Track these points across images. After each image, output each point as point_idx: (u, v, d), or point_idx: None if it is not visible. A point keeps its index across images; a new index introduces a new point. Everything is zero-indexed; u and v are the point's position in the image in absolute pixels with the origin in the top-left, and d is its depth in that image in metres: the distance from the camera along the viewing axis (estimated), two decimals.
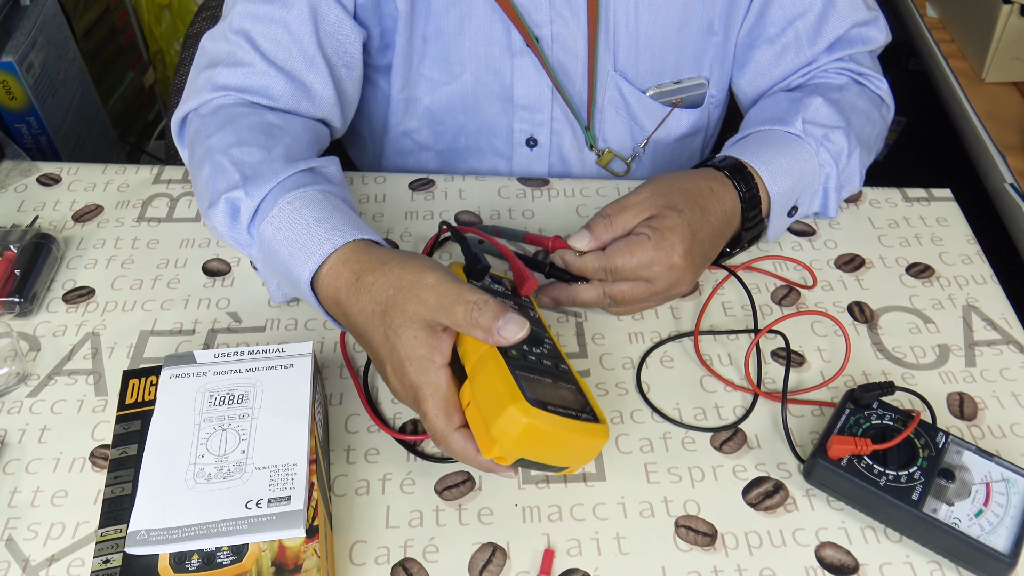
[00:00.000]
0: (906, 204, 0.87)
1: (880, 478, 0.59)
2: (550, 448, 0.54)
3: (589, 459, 0.58)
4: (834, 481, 0.61)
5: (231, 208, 0.67)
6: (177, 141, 0.79)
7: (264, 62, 0.75)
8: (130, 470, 0.57)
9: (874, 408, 0.63)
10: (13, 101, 1.32)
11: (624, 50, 0.84)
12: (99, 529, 0.54)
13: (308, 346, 0.63)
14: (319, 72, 0.78)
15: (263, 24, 0.75)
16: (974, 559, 0.57)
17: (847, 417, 0.63)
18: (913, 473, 0.59)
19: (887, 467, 0.60)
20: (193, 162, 0.73)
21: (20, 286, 0.74)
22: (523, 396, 0.52)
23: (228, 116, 0.73)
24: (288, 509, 0.54)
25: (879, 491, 0.59)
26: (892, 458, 0.60)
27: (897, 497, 0.59)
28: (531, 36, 0.81)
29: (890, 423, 0.63)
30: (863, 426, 0.62)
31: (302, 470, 0.56)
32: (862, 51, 0.85)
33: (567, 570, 0.58)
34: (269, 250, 0.65)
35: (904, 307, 0.76)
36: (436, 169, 0.96)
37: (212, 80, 0.75)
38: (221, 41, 0.77)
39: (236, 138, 0.70)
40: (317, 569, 0.52)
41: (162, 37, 1.86)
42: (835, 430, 0.62)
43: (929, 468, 0.60)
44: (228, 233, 0.68)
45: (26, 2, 1.37)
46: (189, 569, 0.52)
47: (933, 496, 0.59)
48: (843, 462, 0.60)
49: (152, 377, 0.61)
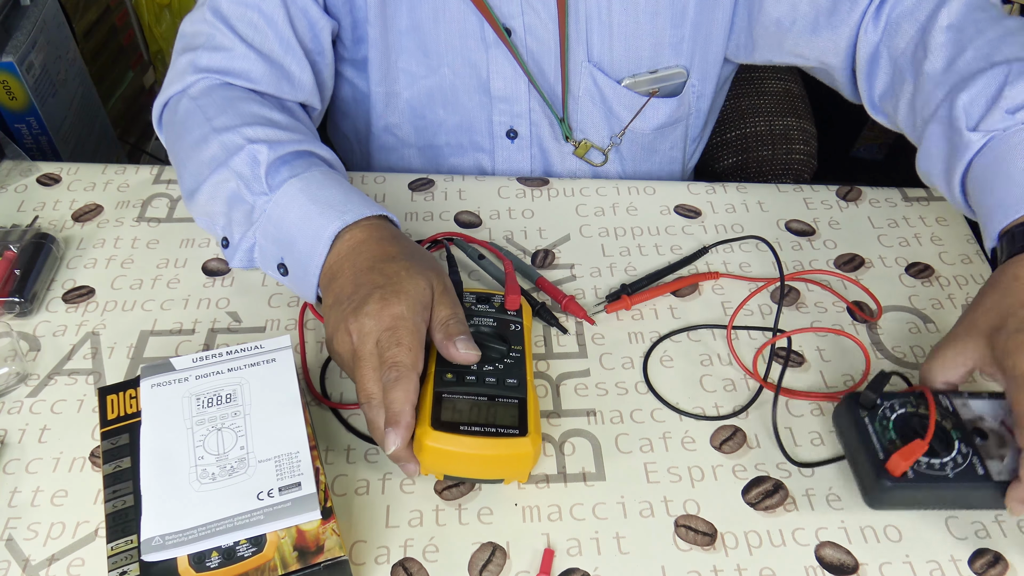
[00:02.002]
0: (906, 204, 0.87)
1: (945, 470, 0.57)
2: (466, 465, 0.59)
3: (523, 470, 0.61)
4: (908, 497, 0.58)
5: (250, 158, 0.69)
6: (157, 126, 0.80)
7: (244, 45, 0.77)
8: (128, 482, 0.57)
9: (881, 404, 0.61)
10: (13, 101, 1.32)
11: (598, 40, 0.84)
12: (108, 543, 0.54)
13: (286, 339, 0.64)
14: (296, 56, 0.79)
15: (239, 7, 0.77)
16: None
17: (870, 426, 0.60)
18: (962, 449, 0.58)
19: (941, 457, 0.57)
20: (187, 143, 0.73)
21: (20, 286, 0.74)
22: (429, 420, 0.57)
23: (224, 98, 0.74)
24: (301, 494, 0.55)
25: (953, 484, 0.56)
26: (937, 445, 0.57)
27: (970, 480, 0.56)
28: (501, 28, 0.82)
29: (905, 410, 0.60)
30: (889, 428, 0.59)
31: (305, 456, 0.57)
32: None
33: (567, 570, 0.58)
34: (293, 203, 0.66)
35: (904, 307, 0.76)
36: (420, 167, 0.96)
37: (194, 63, 0.76)
38: (200, 24, 0.78)
39: (242, 120, 0.71)
40: (339, 547, 0.53)
41: (162, 37, 1.86)
42: (872, 445, 0.59)
43: (965, 436, 0.58)
44: (243, 176, 0.68)
45: (26, 2, 1.37)
46: (210, 567, 0.52)
47: (990, 460, 0.57)
48: (909, 475, 0.57)
49: (130, 390, 0.62)
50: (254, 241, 0.69)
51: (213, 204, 0.71)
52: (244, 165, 0.68)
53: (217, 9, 0.78)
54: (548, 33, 0.83)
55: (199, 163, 0.71)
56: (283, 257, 0.68)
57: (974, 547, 0.60)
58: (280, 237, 0.67)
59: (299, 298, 0.76)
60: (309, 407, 0.67)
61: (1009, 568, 0.59)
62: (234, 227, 0.70)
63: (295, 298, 0.76)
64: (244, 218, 0.69)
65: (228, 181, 0.69)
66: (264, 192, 0.68)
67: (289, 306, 0.75)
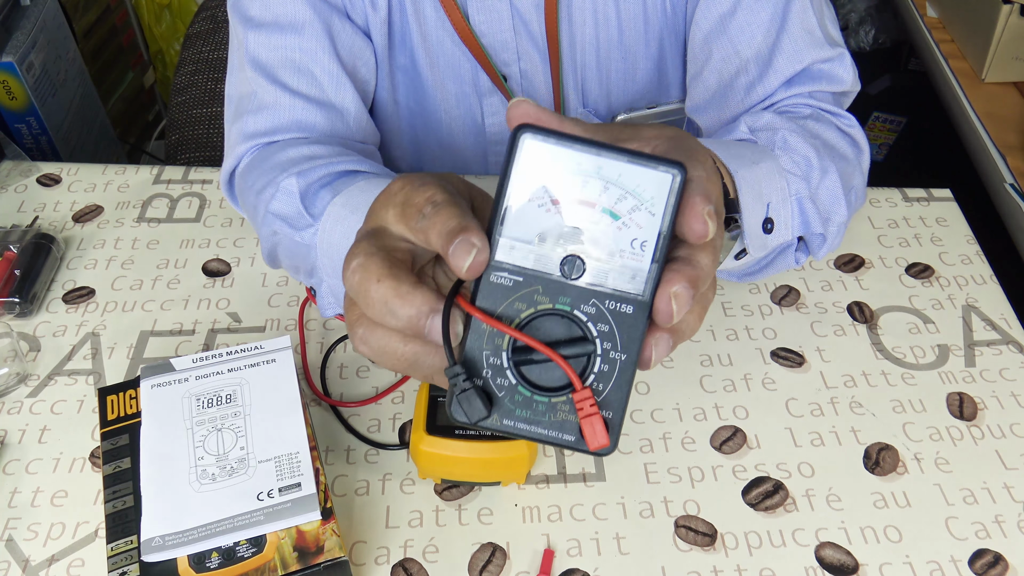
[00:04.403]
0: (906, 204, 0.87)
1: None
2: (462, 469, 0.59)
3: (520, 472, 0.61)
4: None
5: (285, 195, 0.64)
6: (229, 199, 0.77)
7: (288, 95, 0.71)
8: (127, 483, 0.57)
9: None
10: (13, 101, 1.32)
11: (594, 87, 0.83)
12: (108, 544, 0.54)
13: (286, 339, 0.64)
14: (347, 89, 0.73)
15: (278, 51, 0.71)
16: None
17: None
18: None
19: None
20: (249, 217, 0.71)
21: (20, 286, 0.74)
22: (424, 425, 0.57)
23: (263, 158, 0.69)
24: (301, 495, 0.55)
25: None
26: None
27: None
28: (499, 75, 0.80)
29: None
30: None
31: (305, 457, 0.57)
32: (826, 90, 0.73)
33: (567, 570, 0.59)
34: (337, 223, 0.59)
35: (904, 307, 0.76)
36: None
37: (243, 131, 0.72)
38: (243, 84, 0.73)
39: (279, 170, 0.66)
40: (339, 547, 0.53)
41: (162, 37, 1.86)
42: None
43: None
44: (288, 220, 0.63)
45: (26, 2, 1.37)
46: (211, 568, 0.52)
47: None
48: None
49: (130, 391, 0.62)
50: (323, 283, 0.62)
51: (284, 259, 0.67)
52: (281, 204, 0.64)
53: (256, 60, 0.71)
54: (543, 79, 0.81)
55: (259, 229, 0.68)
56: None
57: (974, 547, 0.60)
58: (335, 266, 0.60)
59: (299, 298, 0.76)
60: (309, 407, 0.67)
61: (1009, 568, 0.59)
62: (308, 276, 0.65)
63: (295, 298, 0.76)
64: (304, 260, 0.64)
65: (275, 231, 0.64)
66: (309, 224, 0.62)
67: (289, 306, 0.75)
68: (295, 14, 0.71)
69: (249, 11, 0.72)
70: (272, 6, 0.71)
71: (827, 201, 0.66)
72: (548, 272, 0.38)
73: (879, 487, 0.63)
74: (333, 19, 0.73)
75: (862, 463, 0.65)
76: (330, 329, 0.73)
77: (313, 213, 0.62)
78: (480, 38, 0.77)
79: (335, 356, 0.72)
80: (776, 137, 0.65)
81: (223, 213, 0.84)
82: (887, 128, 1.80)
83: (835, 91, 0.74)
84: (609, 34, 0.78)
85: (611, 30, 0.78)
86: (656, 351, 0.39)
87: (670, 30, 0.79)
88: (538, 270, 0.38)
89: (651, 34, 0.79)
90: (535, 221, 0.38)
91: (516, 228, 0.38)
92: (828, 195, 0.66)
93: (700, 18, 0.74)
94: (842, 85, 0.73)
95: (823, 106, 0.73)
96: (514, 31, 0.77)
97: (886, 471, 0.64)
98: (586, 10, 0.76)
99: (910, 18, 1.53)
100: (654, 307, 0.38)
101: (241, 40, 0.73)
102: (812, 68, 0.72)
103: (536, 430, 0.38)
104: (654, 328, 0.39)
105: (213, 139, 1.28)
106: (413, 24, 0.77)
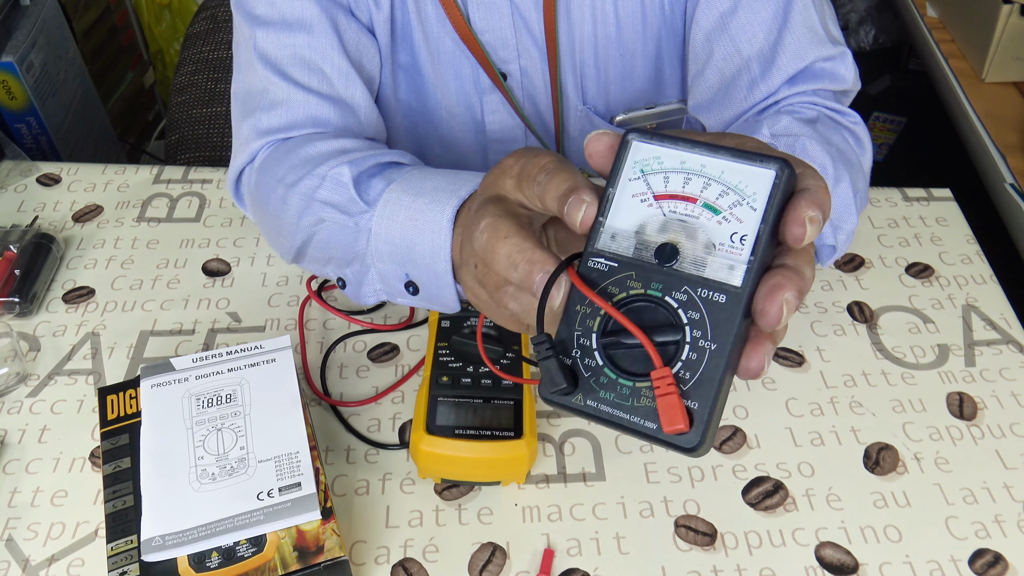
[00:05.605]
0: (906, 204, 0.87)
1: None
2: (462, 468, 0.60)
3: (520, 472, 0.61)
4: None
5: (334, 183, 0.63)
6: (235, 197, 0.76)
7: (301, 91, 0.71)
8: (127, 483, 0.57)
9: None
10: (13, 101, 1.32)
11: (593, 84, 0.82)
12: (108, 543, 0.54)
13: (286, 339, 0.64)
14: (356, 85, 0.73)
15: (287, 48, 0.71)
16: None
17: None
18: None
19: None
20: (270, 213, 0.70)
21: (20, 286, 0.74)
22: (424, 425, 0.58)
23: (287, 152, 0.69)
24: (301, 495, 0.55)
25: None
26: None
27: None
28: (498, 74, 0.80)
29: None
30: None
31: (305, 456, 0.57)
32: (828, 89, 0.74)
33: (567, 570, 0.58)
34: (399, 206, 0.59)
35: (904, 307, 0.76)
36: None
37: (256, 128, 0.71)
38: (250, 80, 0.73)
39: (312, 163, 0.66)
40: (339, 547, 0.53)
41: (162, 37, 1.86)
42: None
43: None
44: (339, 207, 0.62)
45: (26, 2, 1.37)
46: (210, 567, 0.52)
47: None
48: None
49: (130, 391, 0.62)
50: (370, 270, 0.62)
51: (316, 250, 0.66)
52: (331, 192, 0.63)
53: (266, 57, 0.71)
54: (542, 77, 0.81)
55: (287, 223, 0.67)
56: (407, 271, 0.60)
57: (974, 547, 0.60)
58: (395, 251, 0.60)
59: (299, 297, 0.76)
60: (309, 407, 0.67)
61: (1009, 568, 0.59)
62: (344, 265, 0.64)
63: (295, 298, 0.76)
64: (350, 247, 0.63)
65: (321, 218, 0.64)
66: (364, 210, 0.62)
67: (289, 306, 0.75)
68: (302, 11, 0.71)
69: (255, 9, 0.72)
70: (278, 4, 0.71)
71: (839, 209, 0.66)
72: (644, 260, 0.39)
73: (879, 487, 0.63)
74: (339, 16, 0.73)
75: (862, 463, 0.65)
76: (330, 329, 0.73)
77: (367, 200, 0.62)
78: (479, 36, 0.77)
79: (335, 356, 0.72)
80: (796, 144, 0.65)
81: (223, 213, 0.84)
82: (887, 128, 1.80)
83: (837, 89, 0.74)
84: (607, 31, 0.78)
85: (609, 27, 0.78)
86: (768, 359, 0.39)
87: (668, 29, 0.79)
88: (634, 258, 0.39)
89: (649, 33, 0.79)
90: (636, 214, 0.40)
91: (618, 220, 0.40)
92: (840, 204, 0.66)
93: (701, 17, 0.74)
94: (844, 83, 0.74)
95: (828, 105, 0.73)
96: (514, 28, 0.77)
97: (886, 471, 0.64)
98: (584, 7, 0.76)
99: (910, 18, 1.53)
100: (761, 310, 0.37)
101: (248, 38, 0.73)
102: (814, 66, 0.72)
103: (619, 414, 0.38)
104: (760, 337, 0.39)
105: (213, 139, 1.28)
106: (415, 22, 0.77)
